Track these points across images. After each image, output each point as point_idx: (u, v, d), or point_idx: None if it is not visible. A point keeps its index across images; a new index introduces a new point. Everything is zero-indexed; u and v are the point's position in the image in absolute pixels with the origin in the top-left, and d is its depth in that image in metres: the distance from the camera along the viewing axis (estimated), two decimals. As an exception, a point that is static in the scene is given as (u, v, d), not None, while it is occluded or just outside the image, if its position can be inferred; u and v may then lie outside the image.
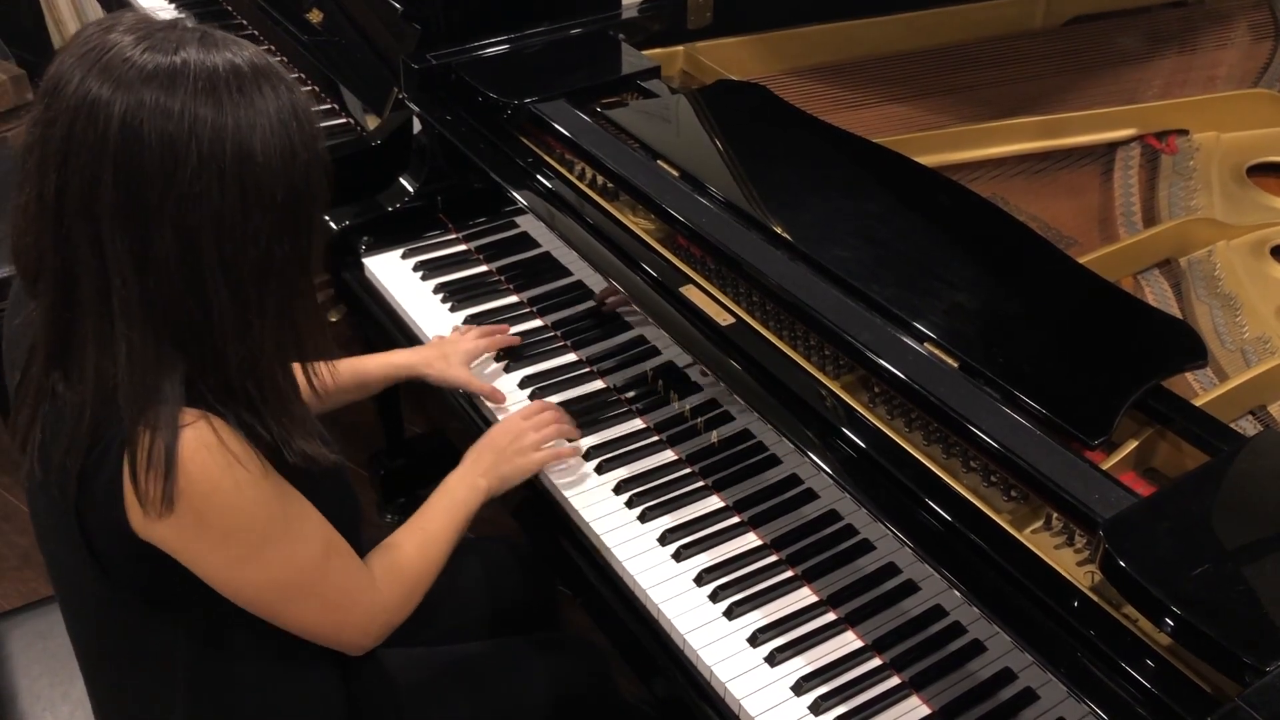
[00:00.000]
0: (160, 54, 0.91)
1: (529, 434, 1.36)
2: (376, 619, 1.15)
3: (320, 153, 0.99)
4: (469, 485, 1.30)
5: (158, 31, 0.94)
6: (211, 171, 0.91)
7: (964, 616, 1.13)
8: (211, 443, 0.95)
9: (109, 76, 0.90)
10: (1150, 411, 1.16)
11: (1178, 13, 2.15)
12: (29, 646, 1.45)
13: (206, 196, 0.91)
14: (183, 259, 0.93)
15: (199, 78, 0.91)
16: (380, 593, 1.15)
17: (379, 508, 2.29)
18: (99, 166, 0.90)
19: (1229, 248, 1.55)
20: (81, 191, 0.91)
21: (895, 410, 1.23)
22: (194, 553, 1.00)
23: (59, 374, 0.99)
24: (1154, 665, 0.95)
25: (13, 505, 2.43)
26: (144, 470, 0.93)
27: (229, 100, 0.92)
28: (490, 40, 1.82)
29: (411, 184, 1.82)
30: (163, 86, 0.90)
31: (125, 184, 0.90)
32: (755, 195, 1.45)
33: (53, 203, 0.93)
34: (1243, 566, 0.97)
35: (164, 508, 0.94)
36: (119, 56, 0.91)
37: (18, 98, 3.16)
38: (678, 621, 1.22)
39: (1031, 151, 1.79)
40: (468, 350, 1.53)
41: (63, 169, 0.92)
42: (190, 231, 0.92)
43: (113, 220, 0.91)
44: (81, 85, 0.91)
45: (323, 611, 1.10)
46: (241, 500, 0.98)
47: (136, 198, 0.91)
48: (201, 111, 0.90)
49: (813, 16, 1.95)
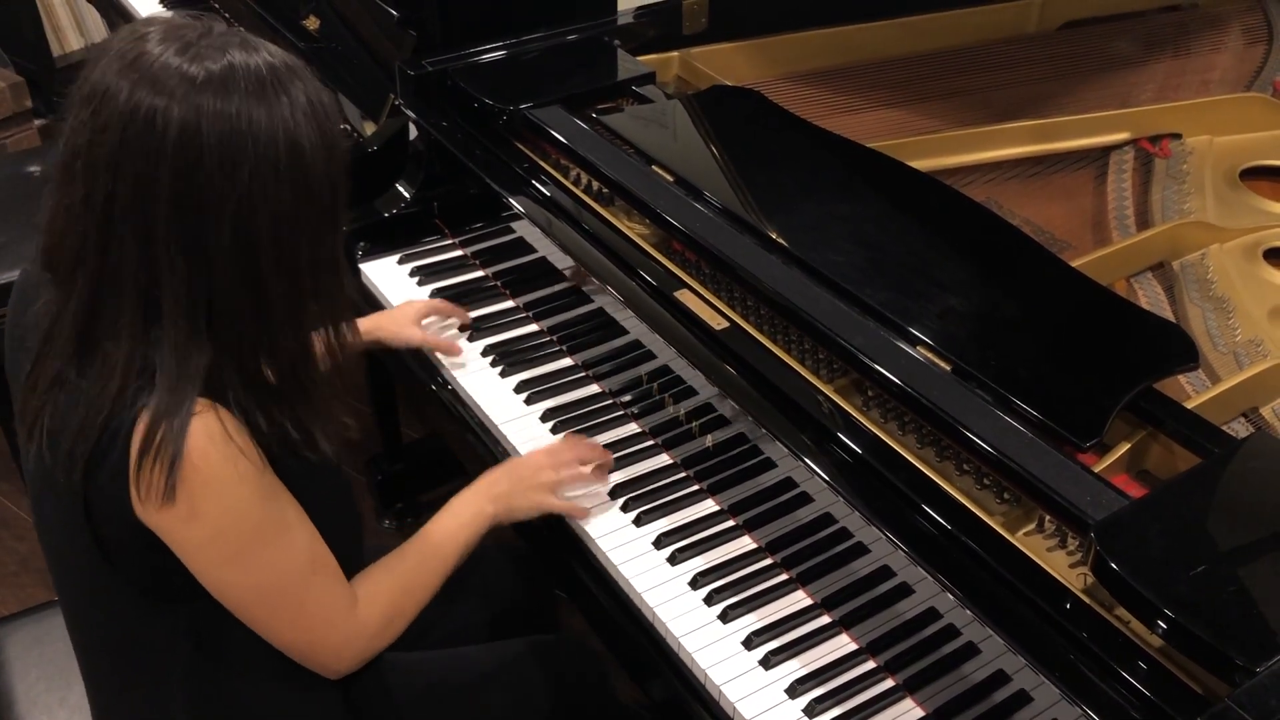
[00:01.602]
0: (209, 61, 0.96)
1: (548, 473, 1.33)
2: (352, 644, 1.15)
3: (343, 139, 1.05)
4: (475, 511, 1.29)
5: (199, 39, 0.97)
6: (268, 167, 0.96)
7: (958, 619, 1.13)
8: (217, 433, 0.97)
9: (161, 87, 0.94)
10: (1142, 414, 1.16)
11: (1172, 17, 2.15)
12: (26, 652, 1.45)
13: (264, 194, 0.96)
14: (240, 255, 0.97)
15: (248, 80, 0.96)
16: (359, 619, 1.14)
17: (376, 513, 2.29)
18: (155, 172, 0.94)
19: (1222, 251, 1.56)
20: (134, 196, 0.95)
21: (889, 414, 1.24)
22: (184, 544, 1.01)
23: (76, 363, 1.01)
24: (1145, 666, 0.95)
25: (11, 512, 2.43)
26: (150, 458, 0.95)
27: (275, 99, 0.96)
28: (486, 46, 1.83)
29: (408, 190, 1.83)
30: (216, 92, 0.94)
31: (183, 188, 0.94)
32: (750, 200, 1.46)
33: (101, 205, 0.96)
34: (1234, 568, 0.98)
35: (164, 497, 0.96)
36: (168, 67, 0.95)
37: (16, 105, 3.17)
38: (673, 625, 1.22)
39: (1025, 155, 1.79)
40: (417, 310, 1.60)
41: (114, 173, 0.95)
42: (248, 229, 0.97)
43: (168, 218, 0.95)
44: (133, 96, 0.94)
45: (301, 625, 1.10)
46: (238, 494, 0.99)
47: (194, 200, 0.95)
48: (255, 112, 0.95)
49: (807, 22, 1.96)
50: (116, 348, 0.99)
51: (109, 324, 0.99)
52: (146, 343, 0.99)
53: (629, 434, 1.46)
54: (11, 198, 2.42)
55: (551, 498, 1.32)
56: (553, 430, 1.47)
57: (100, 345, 1.00)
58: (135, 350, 0.98)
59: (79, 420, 0.98)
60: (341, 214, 1.05)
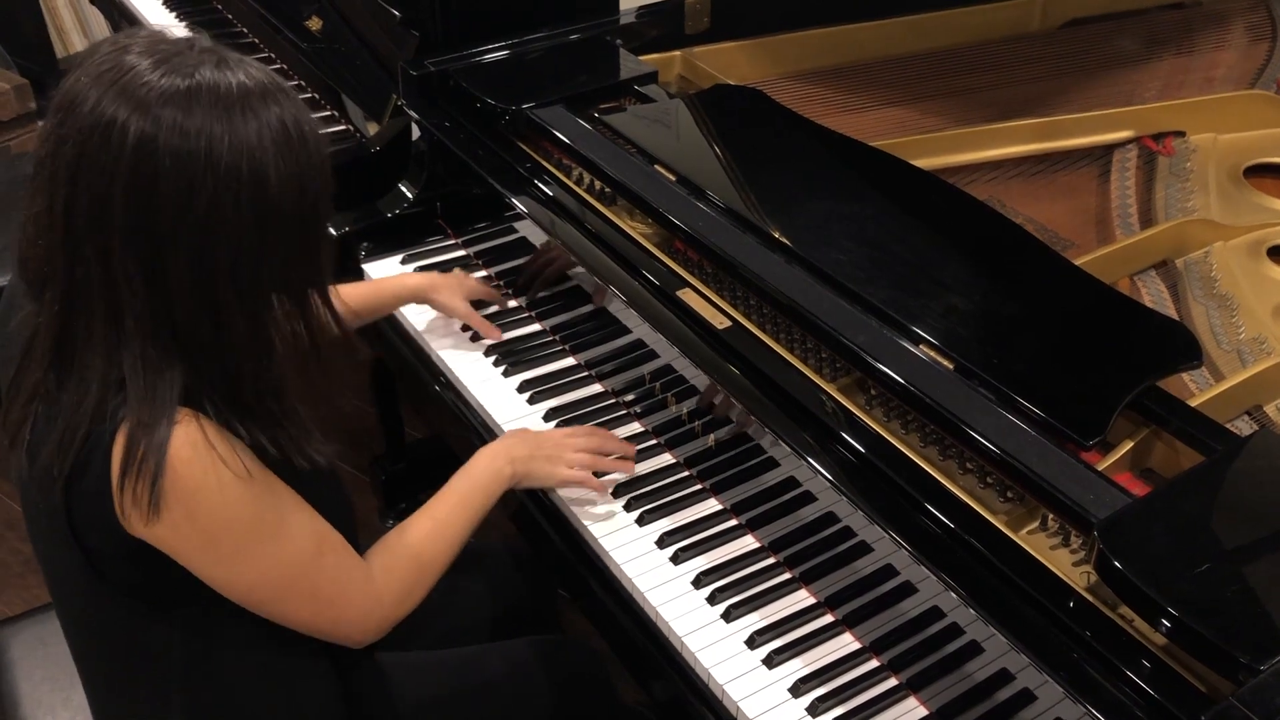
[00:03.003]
0: (178, 76, 0.93)
1: (568, 451, 1.35)
2: (373, 614, 1.15)
3: (327, 170, 1.00)
4: (494, 470, 1.29)
5: (175, 55, 0.95)
6: (228, 196, 0.92)
7: (961, 618, 1.13)
8: (198, 441, 0.96)
9: (126, 98, 0.91)
10: (1146, 412, 1.16)
11: (1175, 14, 2.15)
12: (31, 652, 1.46)
13: (223, 221, 0.93)
14: (197, 280, 0.95)
15: (215, 98, 0.92)
16: (377, 587, 1.14)
17: (380, 513, 2.29)
18: (110, 187, 0.91)
19: (1226, 248, 1.55)
20: (90, 209, 0.93)
21: (892, 412, 1.23)
22: (184, 550, 1.00)
23: (55, 376, 1.00)
24: (1149, 665, 0.95)
25: (16, 512, 2.44)
26: (133, 475, 0.94)
27: (241, 120, 0.93)
28: (488, 46, 1.83)
29: (411, 190, 1.83)
30: (180, 107, 0.91)
31: (137, 205, 0.92)
32: (752, 199, 1.46)
33: (62, 216, 0.94)
34: (1238, 566, 0.97)
35: (150, 511, 0.95)
36: (137, 79, 0.92)
37: (20, 107, 3.17)
38: (676, 624, 1.22)
39: (1028, 154, 1.79)
40: (471, 288, 1.63)
41: (73, 185, 0.93)
42: (206, 255, 0.94)
43: (124, 238, 0.93)
44: (98, 106, 0.92)
45: (317, 608, 1.10)
46: (226, 499, 0.98)
47: (149, 219, 0.92)
48: (217, 131, 0.91)
49: (809, 21, 1.95)
50: (92, 360, 0.97)
51: (83, 337, 0.97)
52: (121, 356, 0.96)
53: (631, 433, 1.45)
54: (14, 200, 2.42)
55: (567, 471, 1.33)
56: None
57: (77, 357, 0.98)
58: (111, 363, 0.96)
59: (58, 434, 0.97)
60: (314, 245, 1.00)
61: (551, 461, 1.33)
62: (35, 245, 0.98)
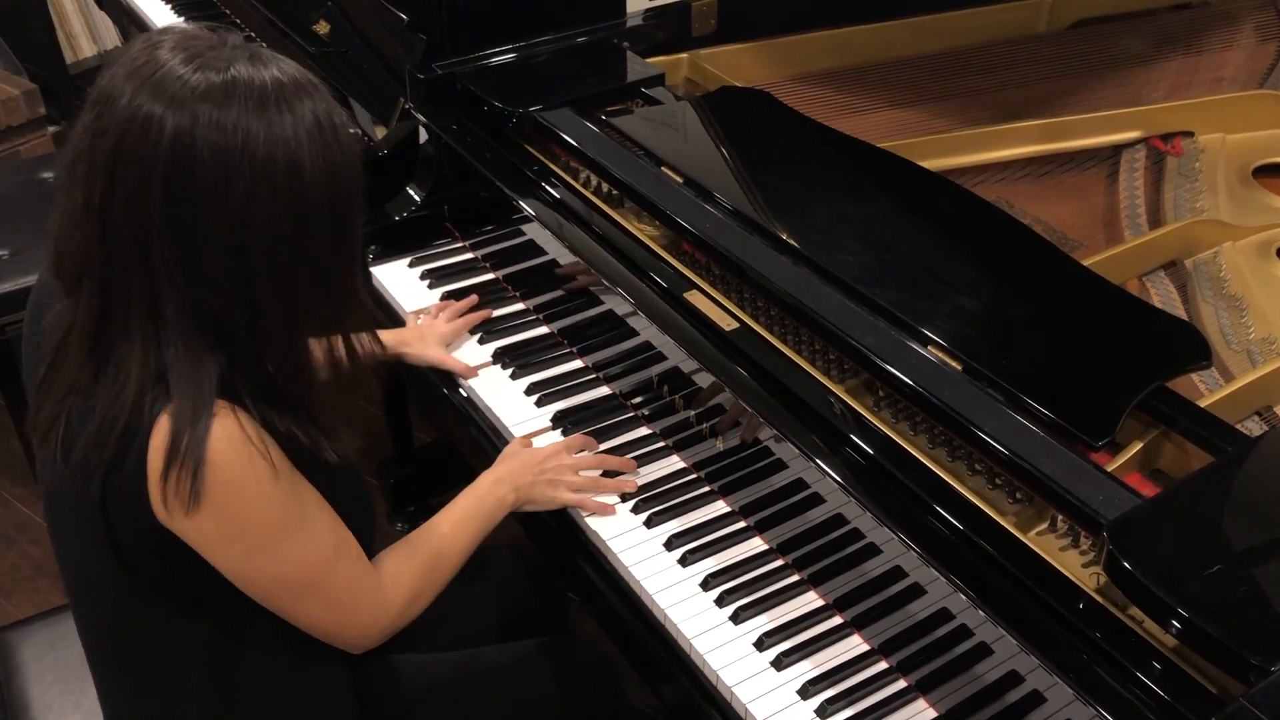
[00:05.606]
0: (213, 71, 0.94)
1: (568, 472, 1.35)
2: (378, 622, 1.16)
3: (358, 162, 1.02)
4: (497, 497, 1.31)
5: (208, 50, 0.96)
6: (264, 186, 0.94)
7: (970, 619, 1.13)
8: (236, 434, 0.98)
9: (162, 94, 0.93)
10: (1155, 413, 1.16)
11: (1183, 15, 2.14)
12: (41, 655, 1.46)
13: (259, 211, 0.94)
14: (234, 269, 0.96)
15: (250, 93, 0.94)
16: (385, 597, 1.16)
17: (389, 516, 2.30)
18: (148, 179, 0.93)
19: (1235, 249, 1.55)
20: (129, 202, 0.94)
21: (900, 414, 1.23)
22: (211, 543, 1.01)
23: (90, 370, 1.01)
24: (1160, 666, 0.95)
25: (26, 516, 2.44)
26: (176, 468, 0.95)
27: (276, 114, 0.95)
28: (495, 50, 1.83)
29: (418, 193, 1.83)
30: (216, 103, 0.93)
31: (175, 197, 0.93)
32: (759, 201, 1.46)
33: (99, 210, 0.96)
34: (1248, 567, 0.97)
35: (190, 504, 0.96)
36: (171, 75, 0.94)
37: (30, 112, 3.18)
38: (684, 627, 1.22)
39: (1036, 155, 1.79)
40: (443, 333, 1.59)
41: (110, 179, 0.94)
42: (243, 244, 0.96)
43: (162, 229, 0.94)
44: (133, 100, 0.93)
45: (327, 610, 1.11)
46: (260, 492, 1.00)
47: (187, 210, 0.94)
48: (253, 126, 0.93)
49: (816, 23, 1.95)
50: (130, 354, 0.99)
51: (120, 330, 0.99)
52: (159, 349, 0.98)
53: (640, 435, 1.46)
54: (25, 204, 2.43)
55: (569, 494, 1.34)
56: (564, 434, 1.47)
57: (114, 351, 1.00)
58: (149, 356, 0.98)
59: (94, 428, 0.98)
60: (354, 241, 1.02)
61: (553, 486, 1.34)
62: (71, 239, 1.00)
